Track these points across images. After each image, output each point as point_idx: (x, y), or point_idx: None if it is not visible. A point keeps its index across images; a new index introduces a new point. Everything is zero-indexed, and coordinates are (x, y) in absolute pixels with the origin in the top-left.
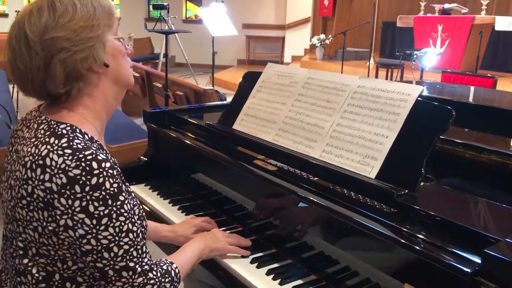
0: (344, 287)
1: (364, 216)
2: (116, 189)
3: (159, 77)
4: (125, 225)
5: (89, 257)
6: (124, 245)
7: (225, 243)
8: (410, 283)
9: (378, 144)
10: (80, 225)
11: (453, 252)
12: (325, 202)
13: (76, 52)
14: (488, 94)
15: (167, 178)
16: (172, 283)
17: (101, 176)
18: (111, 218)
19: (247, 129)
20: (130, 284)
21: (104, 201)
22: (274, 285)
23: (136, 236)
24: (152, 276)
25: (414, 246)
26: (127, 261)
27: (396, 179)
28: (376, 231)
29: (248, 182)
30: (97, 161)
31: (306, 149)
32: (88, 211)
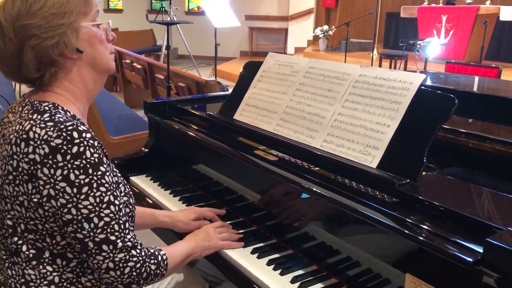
0: (345, 277)
1: (365, 205)
2: (96, 159)
3: (161, 69)
4: (106, 196)
5: (70, 227)
6: (104, 217)
7: (217, 239)
8: (412, 273)
9: (379, 133)
10: (61, 194)
11: (455, 241)
12: (326, 192)
13: (47, 39)
14: (493, 83)
15: (168, 169)
16: (158, 266)
17: (81, 145)
18: (92, 187)
19: (248, 119)
20: (110, 259)
21: (85, 170)
22: (274, 275)
23: (118, 210)
24: (135, 253)
25: (415, 235)
26: (108, 234)
27: (397, 169)
28: (377, 221)
29: (249, 173)
30: (78, 131)
31: (307, 139)
32: (69, 179)
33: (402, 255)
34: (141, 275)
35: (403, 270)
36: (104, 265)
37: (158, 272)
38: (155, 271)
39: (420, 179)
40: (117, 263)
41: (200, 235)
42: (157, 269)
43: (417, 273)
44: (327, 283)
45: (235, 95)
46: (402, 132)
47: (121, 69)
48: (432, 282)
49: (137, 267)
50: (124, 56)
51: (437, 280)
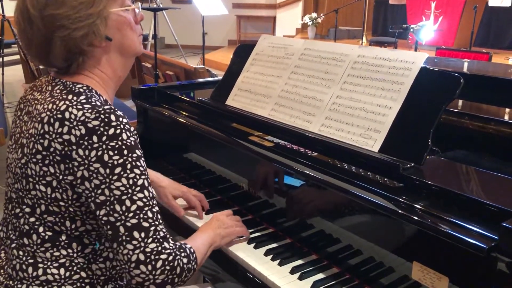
0: (347, 266)
1: (368, 191)
2: (132, 143)
3: (148, 57)
4: (140, 179)
5: (102, 210)
6: (137, 201)
7: (233, 226)
8: (419, 261)
9: (381, 115)
10: (95, 175)
11: (466, 227)
12: (326, 177)
13: (76, 30)
14: (492, 67)
15: (158, 158)
16: (189, 260)
17: (118, 128)
18: (125, 168)
19: (241, 104)
20: (141, 250)
21: (120, 151)
22: (273, 266)
23: (152, 197)
24: (167, 245)
25: (424, 221)
26: (140, 220)
27: (400, 152)
28: (381, 207)
29: (243, 160)
30: (115, 115)
31: (304, 124)
32: (103, 160)
33: (408, 243)
34: (175, 269)
35: (409, 258)
36: (134, 256)
37: (190, 266)
38: (187, 265)
39: (425, 163)
40: (149, 255)
41: (214, 223)
42: (188, 263)
43: (424, 261)
44: (328, 273)
45: (226, 80)
46: (405, 114)
47: None
48: (442, 270)
49: (169, 259)
50: None
51: (447, 268)
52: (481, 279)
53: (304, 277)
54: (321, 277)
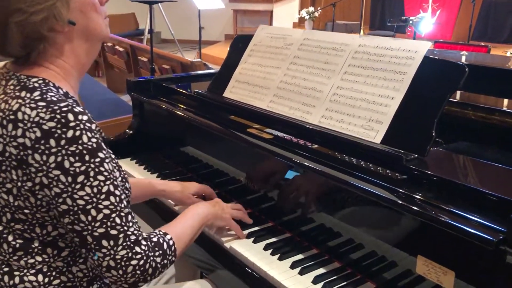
0: (348, 261)
1: (370, 183)
2: (94, 145)
3: (144, 51)
4: (105, 186)
5: (66, 219)
6: (103, 209)
7: (230, 216)
8: (424, 255)
9: (383, 106)
10: (55, 182)
11: (473, 219)
12: (327, 169)
13: (33, 14)
14: (493, 58)
15: (155, 151)
16: (164, 256)
17: (77, 129)
18: (88, 176)
19: (239, 96)
20: (112, 257)
21: (81, 156)
22: (272, 261)
23: (119, 201)
24: (138, 250)
25: (429, 214)
26: (108, 228)
27: (403, 144)
28: (384, 199)
29: (242, 153)
30: (73, 113)
31: (303, 115)
32: (63, 167)
33: (412, 236)
34: (146, 271)
35: (413, 252)
36: (105, 263)
37: (166, 262)
38: (161, 262)
39: (428, 155)
40: (119, 261)
41: (212, 204)
42: (163, 260)
43: (429, 255)
44: (329, 268)
45: (224, 71)
46: (408, 105)
47: (103, 53)
48: (447, 264)
49: (140, 264)
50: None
51: (453, 262)
52: (488, 273)
53: (304, 272)
54: (322, 271)
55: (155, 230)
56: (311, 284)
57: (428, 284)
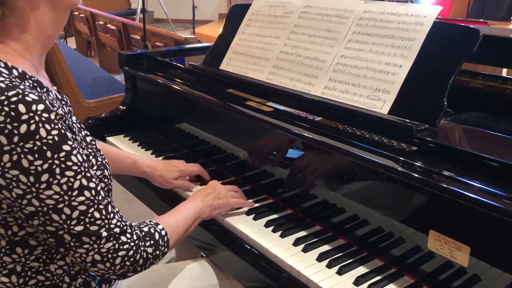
0: (354, 237)
1: (379, 155)
2: (56, 138)
3: (137, 29)
4: (76, 181)
5: (35, 221)
6: (78, 206)
7: (228, 197)
8: (437, 230)
9: (390, 75)
10: (14, 183)
11: (490, 191)
12: (331, 141)
13: None
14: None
15: (149, 128)
16: (156, 247)
17: (32, 122)
18: (54, 174)
19: (236, 68)
20: (96, 251)
21: (41, 154)
22: (274, 238)
23: (96, 194)
24: (125, 240)
25: (443, 185)
26: (87, 225)
27: (412, 114)
28: (395, 171)
29: (240, 128)
30: (25, 103)
31: (305, 87)
32: (22, 166)
33: (424, 211)
34: (137, 262)
35: (424, 227)
36: (89, 258)
37: (158, 253)
38: (153, 253)
39: (439, 125)
40: (105, 254)
41: (208, 191)
42: (155, 251)
43: (442, 230)
44: (334, 245)
45: (220, 43)
46: (417, 72)
47: (95, 32)
48: (462, 239)
49: (129, 255)
50: (97, 17)
51: (468, 236)
52: (507, 248)
53: (308, 249)
54: (326, 249)
55: (145, 221)
56: (316, 261)
57: (439, 260)
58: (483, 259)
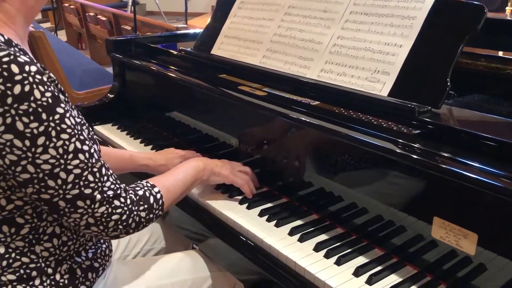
0: (352, 226)
1: (380, 138)
2: (50, 100)
3: (128, 20)
4: (71, 144)
5: (30, 189)
6: (74, 169)
7: (231, 173)
8: (441, 216)
9: (390, 55)
10: (8, 149)
11: (499, 173)
12: (330, 125)
13: None
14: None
15: (138, 117)
16: (150, 211)
17: (26, 83)
18: (50, 137)
19: (228, 53)
20: (90, 215)
21: (36, 116)
22: (269, 228)
23: (89, 156)
24: (118, 204)
25: (450, 169)
26: (82, 188)
27: (414, 96)
28: (398, 154)
29: (232, 115)
30: (17, 63)
31: (301, 70)
32: (16, 129)
33: (427, 197)
34: (129, 226)
35: (427, 214)
36: (83, 221)
37: (151, 216)
38: (146, 217)
39: (442, 107)
40: (99, 218)
41: (215, 160)
42: (149, 214)
43: (447, 216)
44: (332, 234)
45: (211, 27)
46: (418, 52)
47: (86, 24)
48: (469, 225)
49: (123, 219)
50: (87, 8)
51: (475, 222)
52: None
53: (305, 239)
54: (324, 238)
55: (142, 181)
56: (313, 251)
57: (443, 249)
58: (490, 248)
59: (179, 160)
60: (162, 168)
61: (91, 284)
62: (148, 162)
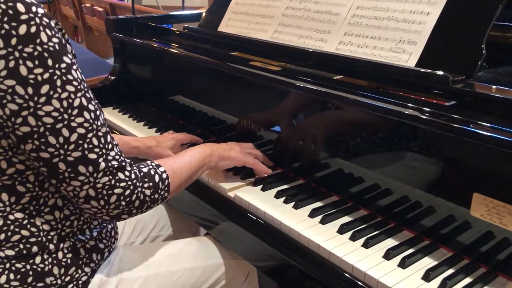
0: (377, 208)
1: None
2: (57, 46)
3: (125, 9)
4: (76, 98)
5: (29, 145)
6: (77, 128)
7: (241, 153)
8: (483, 192)
9: (416, 24)
10: (9, 97)
11: None
12: (359, 98)
13: None
14: None
15: (141, 99)
16: (156, 190)
17: (32, 24)
18: (54, 86)
19: (237, 29)
20: (91, 185)
21: (42, 61)
22: (287, 210)
23: (95, 118)
24: (122, 177)
25: (497, 137)
26: (85, 151)
27: (444, 65)
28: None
29: (242, 94)
30: (23, 2)
31: (317, 43)
32: (19, 74)
33: (467, 172)
34: (132, 203)
35: (463, 192)
36: (83, 192)
37: (157, 196)
38: (151, 196)
39: (476, 77)
40: (100, 190)
41: (221, 144)
42: (154, 194)
43: (490, 192)
44: (355, 216)
45: (218, 3)
46: (448, 19)
47: (81, 15)
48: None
49: (126, 194)
50: (83, 0)
51: None
52: None
53: (327, 221)
54: (347, 220)
55: (147, 161)
56: (337, 233)
57: (478, 228)
58: None
59: (171, 142)
60: (153, 149)
61: (95, 267)
62: (138, 144)
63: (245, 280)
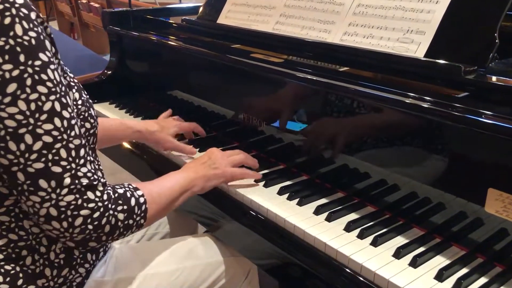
0: (385, 204)
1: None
2: (33, 41)
3: (121, 5)
4: (48, 102)
5: None
6: (43, 135)
7: (226, 165)
8: (498, 187)
9: (424, 13)
10: None
11: None
12: (369, 90)
13: None
14: None
15: (138, 94)
16: (130, 215)
17: (7, 15)
18: (23, 85)
19: (237, 21)
20: (53, 203)
21: (12, 56)
22: (291, 206)
23: (68, 127)
24: (92, 197)
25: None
26: (48, 163)
27: (454, 56)
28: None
29: (242, 87)
30: None
31: (320, 34)
32: None
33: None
34: (101, 228)
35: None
36: (43, 210)
37: (131, 222)
38: (124, 221)
39: (488, 68)
40: (63, 210)
41: (202, 160)
42: (128, 219)
43: (506, 187)
44: (362, 212)
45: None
46: (458, 7)
47: (78, 12)
48: None
49: (94, 217)
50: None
51: None
52: None
53: (333, 218)
54: (355, 217)
55: (123, 183)
56: (343, 231)
57: (492, 225)
58: None
59: (174, 129)
60: (156, 134)
61: (90, 267)
62: (142, 128)
63: (245, 279)
